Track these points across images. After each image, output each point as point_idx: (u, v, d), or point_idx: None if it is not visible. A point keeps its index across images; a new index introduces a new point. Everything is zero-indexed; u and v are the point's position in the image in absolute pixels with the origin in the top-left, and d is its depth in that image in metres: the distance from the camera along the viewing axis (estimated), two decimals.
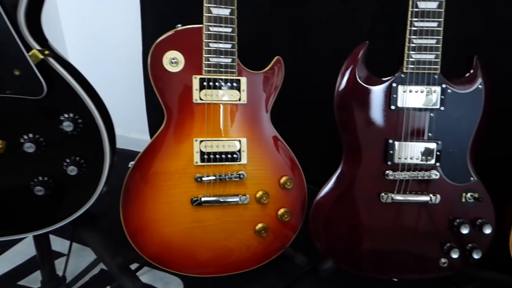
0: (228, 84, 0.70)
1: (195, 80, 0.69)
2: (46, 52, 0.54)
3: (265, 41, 1.03)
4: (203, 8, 0.66)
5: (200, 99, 0.70)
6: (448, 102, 0.69)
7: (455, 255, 0.71)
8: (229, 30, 0.68)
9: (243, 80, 0.71)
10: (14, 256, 0.91)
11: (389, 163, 0.70)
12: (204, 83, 0.69)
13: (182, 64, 0.69)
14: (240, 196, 0.73)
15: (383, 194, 0.71)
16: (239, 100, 0.72)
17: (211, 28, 0.68)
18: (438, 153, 0.70)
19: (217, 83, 0.70)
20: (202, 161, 0.72)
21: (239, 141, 0.73)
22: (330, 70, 0.72)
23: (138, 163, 0.70)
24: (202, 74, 0.69)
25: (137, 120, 1.37)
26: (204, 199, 0.72)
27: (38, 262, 0.74)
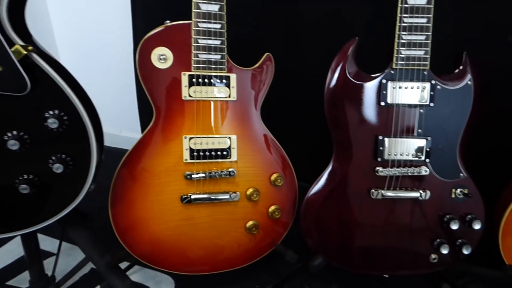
0: (218, 80, 0.70)
1: (184, 76, 0.69)
2: (30, 47, 0.53)
3: (256, 38, 1.02)
4: (192, 4, 0.66)
5: (190, 96, 0.69)
6: (437, 98, 0.69)
7: (445, 251, 0.72)
8: (218, 26, 0.68)
9: (233, 76, 0.71)
10: (3, 256, 0.89)
11: (379, 159, 0.70)
12: (193, 80, 0.69)
13: (170, 60, 0.68)
14: (230, 193, 0.73)
15: (373, 191, 0.71)
16: (229, 97, 0.71)
17: (200, 24, 0.67)
18: (428, 149, 0.70)
19: (206, 80, 0.69)
20: (191, 158, 0.71)
21: (229, 138, 0.72)
22: (322, 68, 0.71)
23: (126, 161, 0.69)
24: (191, 71, 0.69)
25: (129, 118, 1.36)
26: (194, 196, 0.72)
27: (26, 261, 0.73)
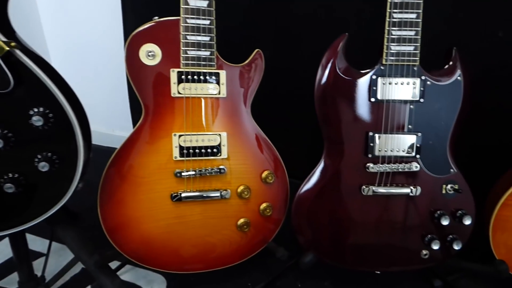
0: (207, 77, 0.69)
1: (173, 73, 0.68)
2: (13, 44, 0.52)
3: (248, 35, 1.02)
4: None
5: (179, 93, 0.69)
6: (427, 94, 0.69)
7: (436, 247, 0.72)
8: (207, 22, 0.67)
9: (223, 73, 0.70)
10: None
11: (369, 155, 0.70)
12: (182, 77, 0.68)
13: (159, 57, 0.67)
14: (221, 191, 0.73)
15: (364, 187, 0.71)
16: (218, 93, 0.71)
17: (188, 20, 0.66)
18: (418, 145, 0.70)
19: (195, 77, 0.69)
20: (181, 156, 0.70)
21: (219, 135, 0.72)
22: (316, 64, 0.71)
23: (115, 160, 0.69)
24: (180, 67, 0.68)
25: (121, 117, 1.34)
26: (184, 194, 0.71)
27: (14, 262, 0.72)
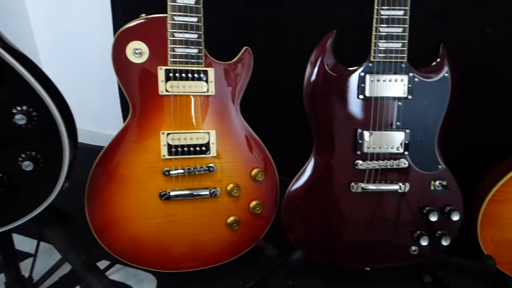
0: (195, 75, 0.69)
1: (161, 71, 0.67)
2: None
3: (239, 33, 1.01)
4: None
5: (166, 91, 0.68)
6: (415, 91, 0.69)
7: (424, 243, 0.72)
8: (194, 19, 0.66)
9: (211, 71, 0.70)
10: None
11: (358, 152, 0.70)
12: (170, 74, 0.68)
13: (146, 54, 0.67)
14: (210, 189, 0.72)
15: (353, 184, 0.71)
16: (207, 91, 0.70)
17: (176, 18, 0.66)
18: (407, 142, 0.70)
19: (183, 74, 0.68)
20: (169, 154, 0.70)
21: (208, 133, 0.71)
22: (305, 62, 0.71)
23: (102, 159, 0.68)
24: (167, 65, 0.67)
25: (112, 116, 1.33)
26: (173, 193, 0.71)
27: (1, 263, 0.71)
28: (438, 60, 0.70)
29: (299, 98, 0.72)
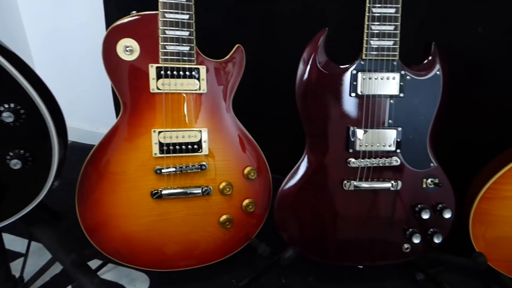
0: (187, 73, 0.68)
1: (152, 69, 0.67)
2: None
3: (231, 30, 1.01)
4: None
5: (158, 89, 0.68)
6: (407, 89, 0.69)
7: (416, 240, 0.72)
8: (186, 17, 0.66)
9: (203, 69, 0.69)
10: None
11: (351, 150, 0.70)
12: (161, 72, 0.67)
13: (137, 52, 0.66)
14: (203, 187, 0.72)
15: (346, 182, 0.71)
16: (198, 89, 0.70)
17: (167, 15, 0.65)
18: (399, 139, 0.70)
19: (175, 72, 0.68)
20: (161, 152, 0.69)
21: (200, 131, 0.71)
22: (298, 60, 0.70)
23: (92, 158, 0.67)
24: (158, 63, 0.67)
25: (106, 114, 1.32)
26: (165, 191, 0.70)
27: None
28: (430, 58, 0.70)
29: (292, 95, 0.72)
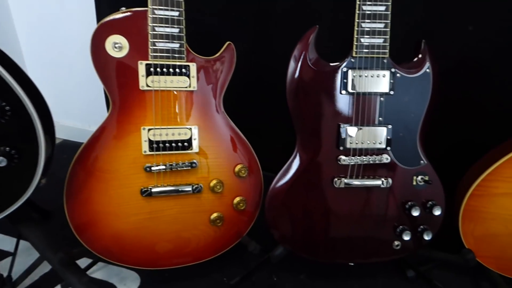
0: (177, 70, 0.68)
1: (141, 66, 0.66)
2: None
3: (224, 29, 1.00)
4: None
5: (147, 86, 0.67)
6: (397, 86, 0.69)
7: (407, 237, 0.73)
8: (176, 13, 0.66)
9: (193, 66, 0.69)
10: None
11: (341, 148, 0.70)
12: (151, 69, 0.67)
13: (126, 49, 0.66)
14: (193, 185, 0.72)
15: (336, 179, 0.71)
16: (189, 86, 0.69)
17: (156, 12, 0.65)
18: (389, 137, 0.71)
19: (164, 69, 0.67)
20: (151, 150, 0.69)
21: (190, 129, 0.71)
22: (289, 58, 0.70)
23: (80, 156, 0.67)
24: (148, 60, 0.66)
25: (97, 112, 1.31)
26: (155, 189, 0.70)
27: None
28: (420, 56, 0.70)
29: (282, 92, 0.72)
